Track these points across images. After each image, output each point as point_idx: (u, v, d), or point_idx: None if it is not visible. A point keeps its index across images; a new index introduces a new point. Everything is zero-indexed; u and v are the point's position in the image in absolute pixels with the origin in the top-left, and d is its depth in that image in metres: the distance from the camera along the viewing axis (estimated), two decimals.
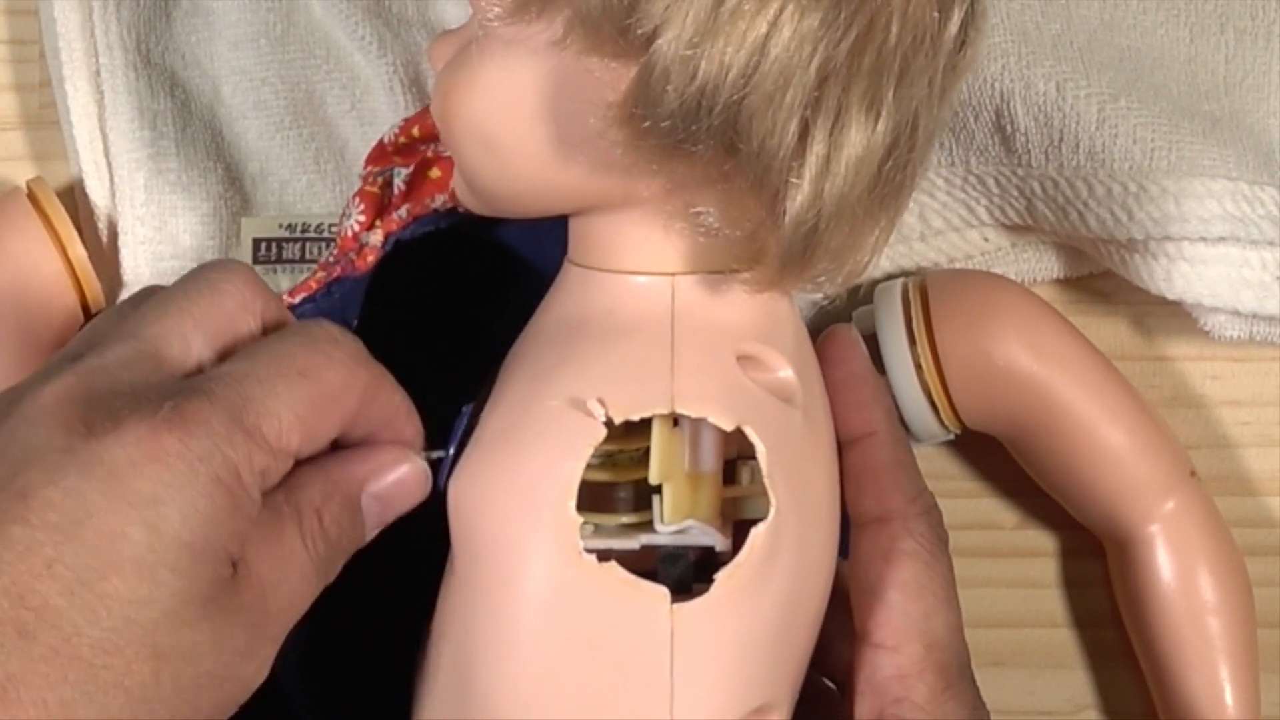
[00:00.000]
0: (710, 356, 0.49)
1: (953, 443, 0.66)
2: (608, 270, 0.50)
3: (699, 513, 0.49)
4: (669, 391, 0.48)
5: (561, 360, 0.49)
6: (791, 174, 0.46)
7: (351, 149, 0.66)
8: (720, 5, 0.44)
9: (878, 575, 0.52)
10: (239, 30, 0.67)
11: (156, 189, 0.65)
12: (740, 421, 0.48)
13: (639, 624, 0.47)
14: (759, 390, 0.49)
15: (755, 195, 0.47)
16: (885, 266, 0.66)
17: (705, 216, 0.48)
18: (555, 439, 0.48)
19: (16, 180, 0.66)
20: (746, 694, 0.49)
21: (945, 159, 0.65)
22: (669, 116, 0.45)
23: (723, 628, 0.48)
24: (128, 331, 0.48)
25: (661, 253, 0.50)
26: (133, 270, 0.65)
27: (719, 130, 0.45)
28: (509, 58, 0.48)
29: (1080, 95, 0.62)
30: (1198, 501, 0.62)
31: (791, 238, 0.47)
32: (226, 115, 0.67)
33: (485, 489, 0.49)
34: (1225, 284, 0.61)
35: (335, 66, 0.67)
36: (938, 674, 0.51)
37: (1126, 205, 0.61)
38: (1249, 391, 0.67)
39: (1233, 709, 0.62)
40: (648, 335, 0.49)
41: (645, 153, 0.46)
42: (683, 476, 0.49)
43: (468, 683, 0.49)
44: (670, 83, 0.45)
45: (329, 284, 0.56)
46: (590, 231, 0.51)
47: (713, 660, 0.48)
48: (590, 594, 0.47)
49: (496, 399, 0.50)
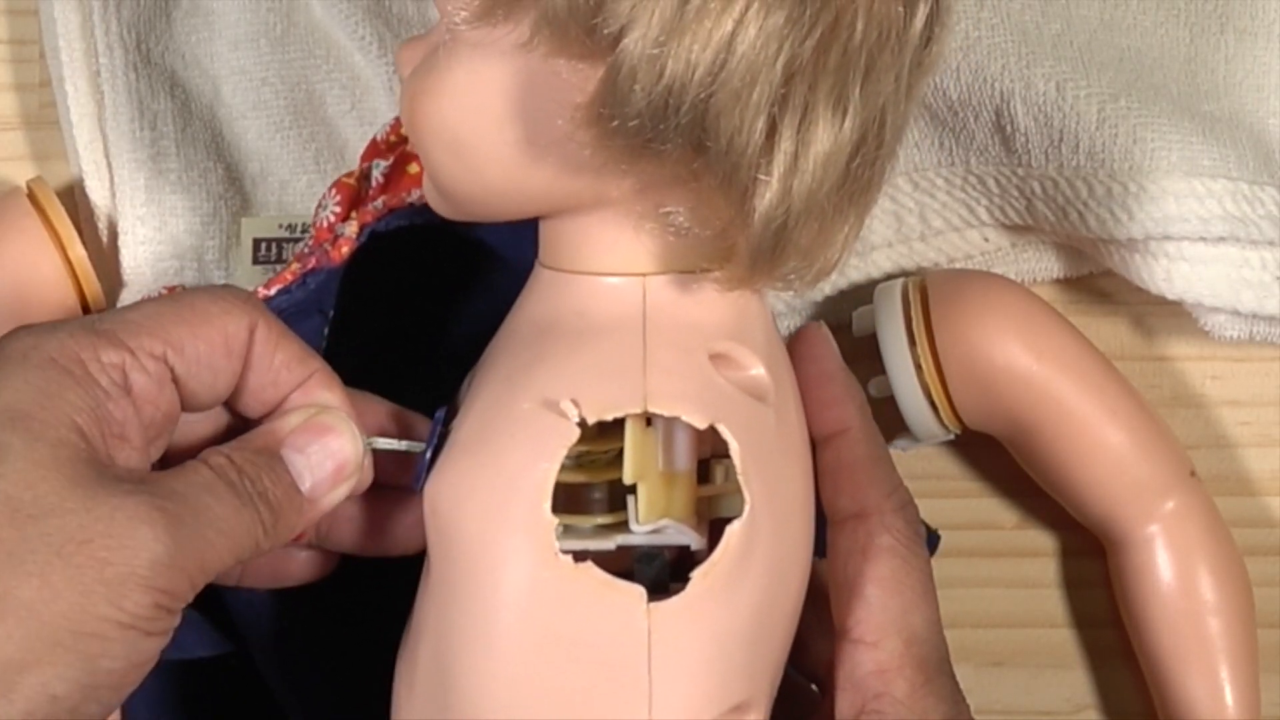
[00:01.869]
0: (682, 355, 0.49)
1: (953, 443, 0.66)
2: (578, 272, 0.50)
3: (674, 512, 0.49)
4: (642, 391, 0.48)
5: (534, 362, 0.49)
6: (760, 171, 0.46)
7: (351, 149, 0.66)
8: (686, 4, 0.44)
9: (856, 571, 0.52)
10: (239, 30, 0.67)
11: (156, 189, 0.65)
12: (713, 419, 0.48)
13: (616, 624, 0.47)
14: (732, 388, 0.49)
15: (724, 194, 0.47)
16: (885, 266, 0.66)
17: (675, 216, 0.48)
18: (529, 441, 0.48)
19: (16, 180, 0.66)
20: (724, 692, 0.49)
21: (945, 159, 0.65)
22: (637, 116, 0.45)
23: (699, 626, 0.48)
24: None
25: (632, 253, 0.50)
26: (133, 270, 0.65)
27: (687, 129, 0.45)
28: (476, 61, 0.48)
29: (1080, 95, 0.62)
30: (1198, 501, 0.62)
31: (761, 235, 0.47)
32: (226, 115, 0.67)
33: (461, 491, 0.49)
34: (1225, 284, 0.61)
35: (335, 66, 0.67)
36: (917, 669, 0.51)
37: (1126, 205, 0.61)
38: (1249, 391, 0.67)
39: (1233, 709, 0.62)
40: (619, 335, 0.49)
41: (614, 153, 0.47)
42: (657, 476, 0.49)
43: (447, 683, 0.49)
44: (637, 82, 0.45)
45: (304, 275, 0.56)
46: (560, 234, 0.51)
47: (690, 658, 0.48)
48: (567, 595, 0.47)
49: (471, 401, 0.51)
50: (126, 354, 0.47)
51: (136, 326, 0.48)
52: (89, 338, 0.47)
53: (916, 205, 0.65)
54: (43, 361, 0.46)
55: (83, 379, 0.46)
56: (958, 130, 0.64)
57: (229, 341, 0.49)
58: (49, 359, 0.46)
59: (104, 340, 0.47)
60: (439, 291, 0.59)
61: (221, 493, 0.47)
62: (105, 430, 0.46)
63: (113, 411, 0.47)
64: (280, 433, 0.49)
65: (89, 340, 0.47)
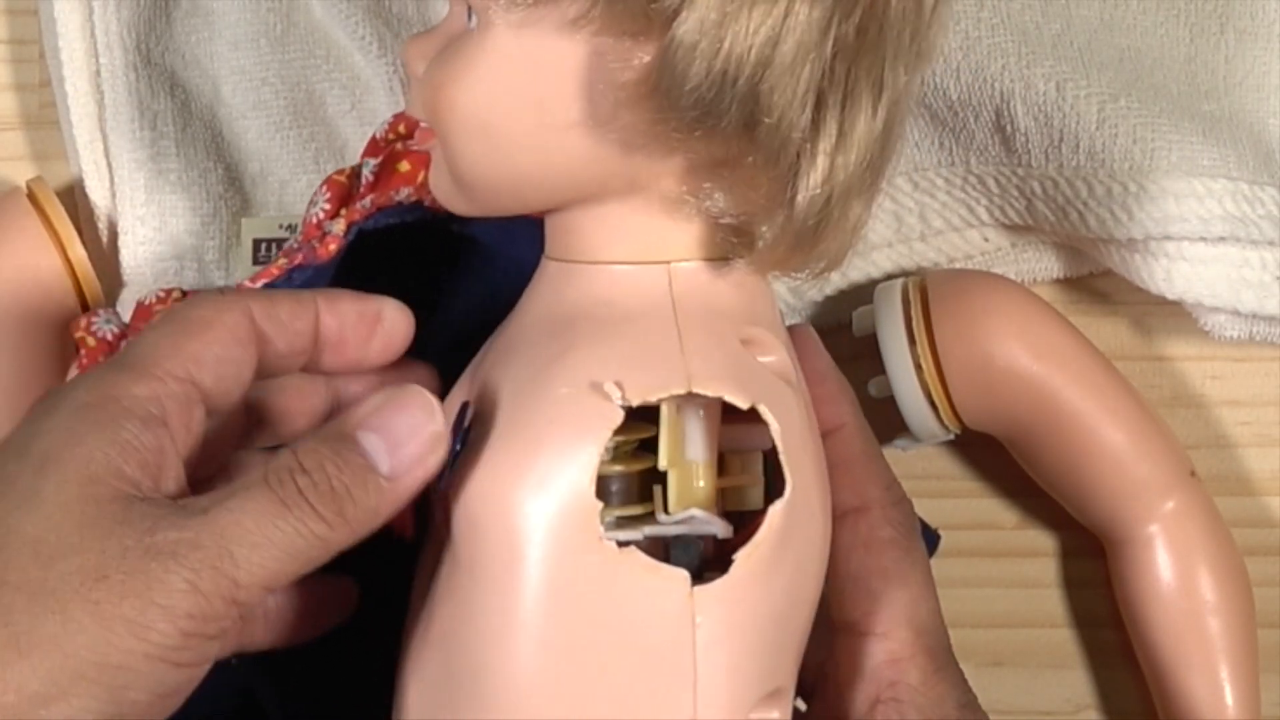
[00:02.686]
0: (716, 340, 0.49)
1: (953, 443, 0.66)
2: (598, 262, 0.50)
3: (700, 501, 0.49)
4: (684, 372, 0.48)
5: (565, 351, 0.49)
6: (806, 150, 0.47)
7: (351, 149, 0.66)
8: None
9: (860, 564, 0.52)
10: (239, 30, 0.67)
11: (156, 189, 0.65)
12: (754, 401, 0.48)
13: (661, 609, 0.47)
14: (766, 371, 0.50)
15: (769, 173, 0.47)
16: (885, 266, 0.66)
17: (714, 200, 0.48)
18: (570, 425, 0.47)
19: (16, 180, 0.66)
20: (763, 678, 0.49)
21: (945, 159, 0.65)
22: (694, 92, 0.46)
23: (742, 609, 0.48)
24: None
25: (658, 241, 0.50)
26: (133, 270, 0.65)
27: (741, 105, 0.46)
28: (513, 43, 0.48)
29: (1080, 95, 0.62)
30: (1198, 501, 0.62)
31: (805, 215, 0.47)
32: (226, 115, 0.67)
33: (496, 482, 0.48)
34: (1225, 284, 0.61)
35: (335, 66, 0.67)
36: (928, 657, 0.52)
37: (1126, 205, 0.61)
38: (1249, 391, 0.67)
39: (1233, 709, 0.62)
40: (652, 321, 0.49)
41: (665, 132, 0.47)
42: (685, 465, 0.49)
43: (472, 681, 0.49)
44: (696, 58, 0.45)
45: (290, 270, 0.56)
46: (578, 225, 0.50)
47: (734, 643, 0.48)
48: (612, 579, 0.47)
49: (493, 395, 0.50)
50: (156, 383, 0.48)
51: (157, 353, 0.49)
52: (117, 375, 0.48)
53: (916, 205, 0.65)
54: (75, 406, 0.47)
55: (116, 416, 0.47)
56: (958, 130, 0.64)
57: (235, 332, 0.50)
58: (81, 403, 0.47)
59: (132, 375, 0.48)
60: (428, 289, 0.59)
61: (257, 502, 0.47)
62: (141, 461, 0.47)
63: (148, 442, 0.47)
64: (356, 416, 0.49)
65: (117, 378, 0.48)
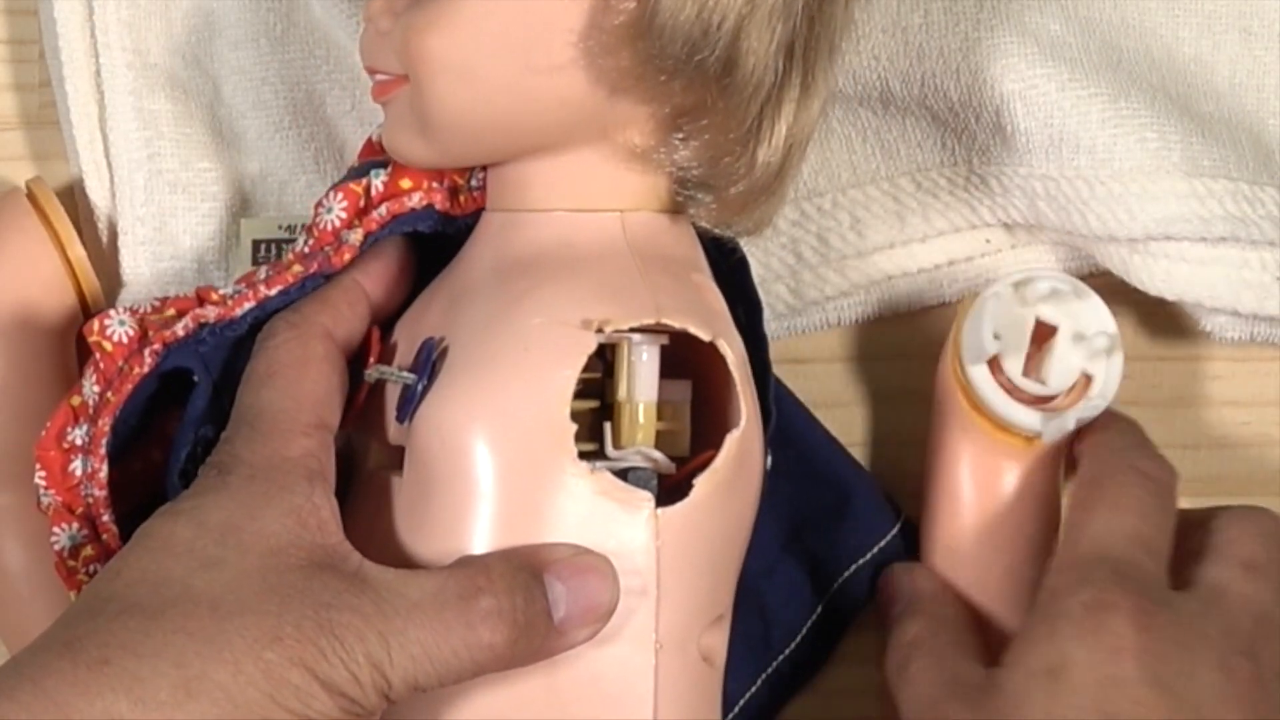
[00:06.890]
0: (673, 278, 0.52)
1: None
2: (554, 210, 0.52)
3: (646, 440, 0.52)
4: (653, 304, 0.50)
5: (533, 287, 0.51)
6: (772, 100, 0.50)
7: (351, 149, 0.66)
8: None
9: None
10: (239, 30, 0.66)
11: (156, 189, 0.65)
12: (714, 335, 0.51)
13: (628, 529, 0.50)
14: (722, 308, 0.53)
15: (737, 124, 0.50)
16: (887, 269, 0.65)
17: (680, 154, 0.51)
18: (545, 352, 0.50)
19: (16, 180, 0.66)
20: (712, 601, 0.52)
21: (948, 159, 0.65)
22: (683, 32, 0.48)
23: (699, 532, 0.51)
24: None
25: (613, 190, 0.52)
26: (133, 270, 0.65)
27: (726, 47, 0.48)
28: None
29: (1081, 95, 0.62)
30: None
31: (764, 169, 0.50)
32: (226, 115, 0.67)
33: (471, 409, 0.50)
34: (1225, 284, 0.61)
35: (335, 66, 0.67)
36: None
37: (1127, 205, 0.61)
38: (1249, 391, 0.67)
39: None
40: (613, 260, 0.51)
41: (649, 75, 0.49)
42: (635, 404, 0.52)
43: None
44: (687, 4, 0.48)
45: (304, 279, 0.56)
46: (533, 175, 0.52)
47: (690, 565, 0.51)
48: (585, 498, 0.50)
49: (457, 332, 0.52)
50: (302, 439, 0.51)
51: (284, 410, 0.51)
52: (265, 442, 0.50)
53: (919, 205, 0.65)
54: (245, 477, 0.50)
55: (284, 486, 0.49)
56: (959, 130, 0.64)
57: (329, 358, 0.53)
58: (248, 475, 0.50)
59: (280, 439, 0.51)
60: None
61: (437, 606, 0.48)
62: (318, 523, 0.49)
63: (317, 501, 0.50)
64: (547, 558, 0.50)
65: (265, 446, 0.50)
